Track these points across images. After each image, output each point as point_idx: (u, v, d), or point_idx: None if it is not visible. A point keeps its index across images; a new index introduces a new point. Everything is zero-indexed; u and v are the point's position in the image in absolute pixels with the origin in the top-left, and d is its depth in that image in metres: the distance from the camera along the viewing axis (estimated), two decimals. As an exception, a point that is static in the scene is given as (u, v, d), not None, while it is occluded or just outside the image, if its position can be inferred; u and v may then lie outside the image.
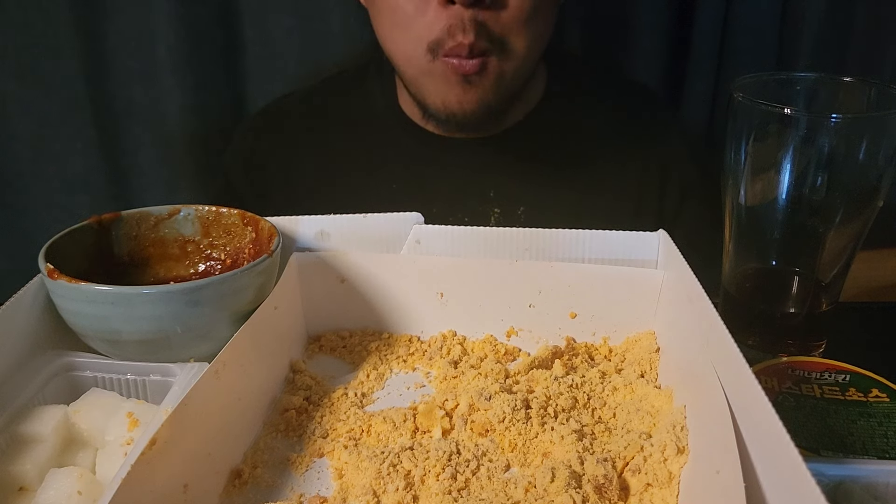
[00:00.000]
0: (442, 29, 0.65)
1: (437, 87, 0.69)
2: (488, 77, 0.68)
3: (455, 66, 0.67)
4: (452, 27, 0.65)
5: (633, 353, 0.50)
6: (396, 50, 0.71)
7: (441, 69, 0.68)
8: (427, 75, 0.69)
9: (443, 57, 0.67)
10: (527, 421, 0.43)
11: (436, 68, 0.68)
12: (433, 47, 0.67)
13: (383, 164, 0.80)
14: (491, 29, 0.66)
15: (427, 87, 0.70)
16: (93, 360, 0.45)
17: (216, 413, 0.39)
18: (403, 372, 0.51)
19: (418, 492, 0.39)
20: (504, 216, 0.79)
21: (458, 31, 0.65)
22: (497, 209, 0.79)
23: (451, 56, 0.66)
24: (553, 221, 0.51)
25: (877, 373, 0.48)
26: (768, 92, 0.51)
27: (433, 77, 0.69)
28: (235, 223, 0.53)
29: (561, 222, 0.51)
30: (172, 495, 0.35)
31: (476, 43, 0.65)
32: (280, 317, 0.49)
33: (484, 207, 0.79)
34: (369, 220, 0.54)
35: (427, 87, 0.70)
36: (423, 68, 0.69)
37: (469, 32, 0.65)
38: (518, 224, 0.81)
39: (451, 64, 0.67)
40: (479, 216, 0.79)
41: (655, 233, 0.52)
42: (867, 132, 0.47)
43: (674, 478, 0.38)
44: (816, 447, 0.42)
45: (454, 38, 0.65)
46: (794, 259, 0.53)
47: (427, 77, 0.69)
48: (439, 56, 0.67)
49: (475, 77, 0.68)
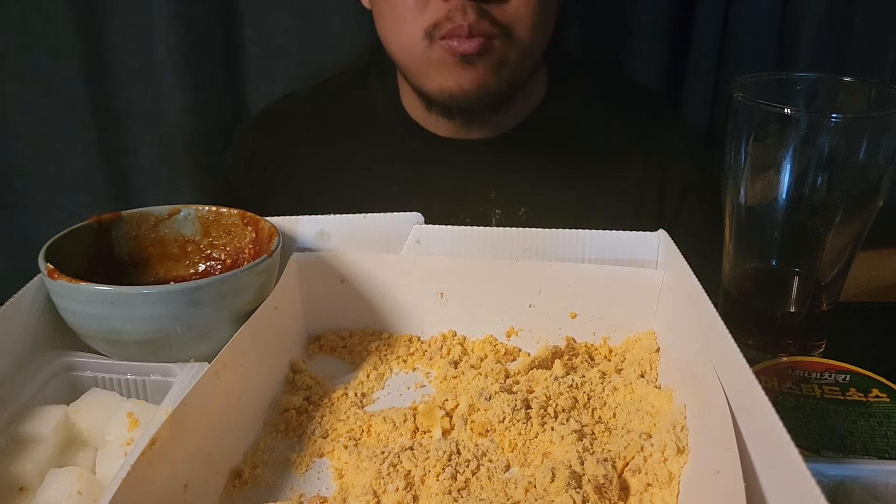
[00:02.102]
0: (441, 15, 0.65)
1: (435, 71, 0.69)
2: (490, 59, 0.67)
3: (453, 47, 0.66)
4: (452, 11, 0.65)
5: (633, 353, 0.50)
6: (395, 41, 0.71)
7: (438, 54, 0.67)
8: (425, 62, 0.69)
9: (440, 40, 0.66)
10: (527, 421, 0.43)
11: (433, 53, 0.67)
12: (430, 31, 0.66)
13: (385, 164, 0.80)
14: (495, 16, 0.66)
15: (425, 74, 0.70)
16: (93, 360, 0.45)
17: (216, 413, 0.39)
18: (403, 372, 0.51)
19: (418, 492, 0.39)
20: (505, 217, 0.79)
21: (457, 14, 0.65)
22: (498, 210, 0.79)
23: (449, 38, 0.66)
24: (554, 222, 0.51)
25: (877, 373, 0.48)
26: (768, 92, 0.50)
27: (431, 63, 0.68)
28: (235, 223, 0.53)
29: (562, 223, 0.51)
30: (172, 495, 0.35)
31: (477, 24, 0.65)
32: (280, 317, 0.49)
33: (485, 208, 0.79)
34: (369, 220, 0.54)
35: (425, 74, 0.70)
36: (421, 55, 0.68)
37: (469, 14, 0.64)
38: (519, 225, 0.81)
39: (448, 46, 0.66)
40: (481, 217, 0.79)
41: (655, 233, 0.52)
42: (867, 132, 0.47)
43: (674, 478, 0.38)
44: (816, 447, 0.42)
45: (452, 21, 0.65)
46: (794, 259, 0.53)
47: (425, 64, 0.69)
48: (436, 40, 0.66)
49: (475, 57, 0.67)
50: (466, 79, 0.68)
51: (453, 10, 0.65)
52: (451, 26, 0.65)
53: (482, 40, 0.66)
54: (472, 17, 0.64)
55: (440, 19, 0.65)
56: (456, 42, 0.66)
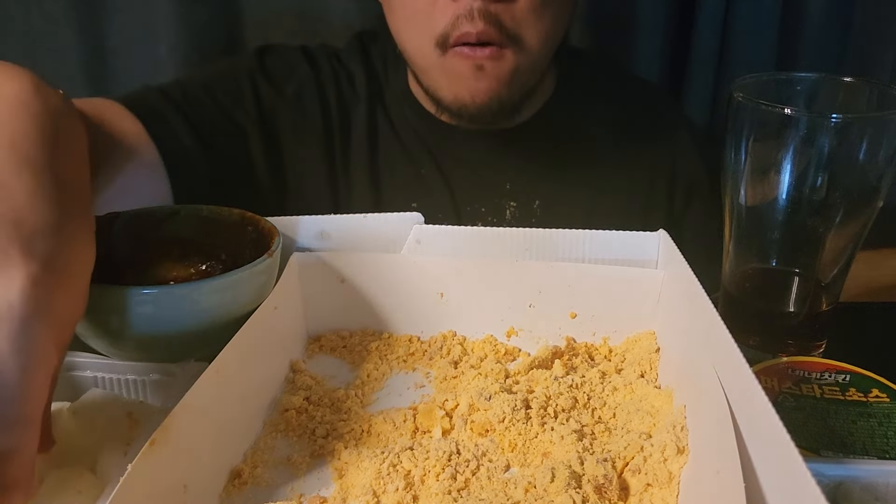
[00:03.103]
0: (448, 21, 0.65)
1: (449, 81, 0.69)
2: (503, 68, 0.67)
3: (466, 54, 0.66)
4: (459, 17, 0.65)
5: (633, 353, 0.50)
6: (409, 44, 0.71)
7: (451, 63, 0.67)
8: (438, 70, 0.69)
9: (451, 48, 0.66)
10: (527, 421, 0.43)
11: (446, 63, 0.67)
12: (441, 41, 0.66)
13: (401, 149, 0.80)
14: (503, 22, 0.65)
15: (439, 82, 0.70)
16: (93, 360, 0.45)
17: (216, 413, 0.39)
18: (403, 372, 0.51)
19: (418, 492, 0.39)
20: (520, 209, 0.79)
21: (464, 21, 0.64)
22: (513, 202, 0.79)
23: (460, 45, 0.66)
24: (568, 215, 0.51)
25: (877, 373, 0.48)
26: (768, 92, 0.51)
27: (444, 72, 0.68)
28: (235, 223, 0.53)
29: (575, 216, 0.51)
30: (172, 495, 0.35)
31: (485, 31, 0.64)
32: (280, 317, 0.49)
33: (500, 200, 0.79)
34: (369, 220, 0.54)
35: (439, 82, 0.70)
36: (434, 63, 0.68)
37: (477, 21, 0.64)
38: (534, 217, 0.80)
39: (461, 54, 0.66)
40: (496, 208, 0.79)
41: (655, 233, 0.52)
42: (867, 132, 0.47)
43: (674, 478, 0.38)
44: (816, 447, 0.42)
45: (460, 28, 0.65)
46: (794, 259, 0.53)
47: (438, 72, 0.69)
48: (448, 50, 0.66)
49: (488, 63, 0.67)
50: (479, 89, 0.68)
51: (461, 15, 0.64)
52: (458, 34, 0.65)
53: (493, 49, 0.66)
54: (480, 24, 0.64)
55: (448, 28, 0.65)
56: (468, 50, 0.66)
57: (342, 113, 0.80)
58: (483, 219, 0.79)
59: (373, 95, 0.81)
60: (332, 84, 0.80)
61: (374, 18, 0.80)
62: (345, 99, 0.80)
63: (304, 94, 0.78)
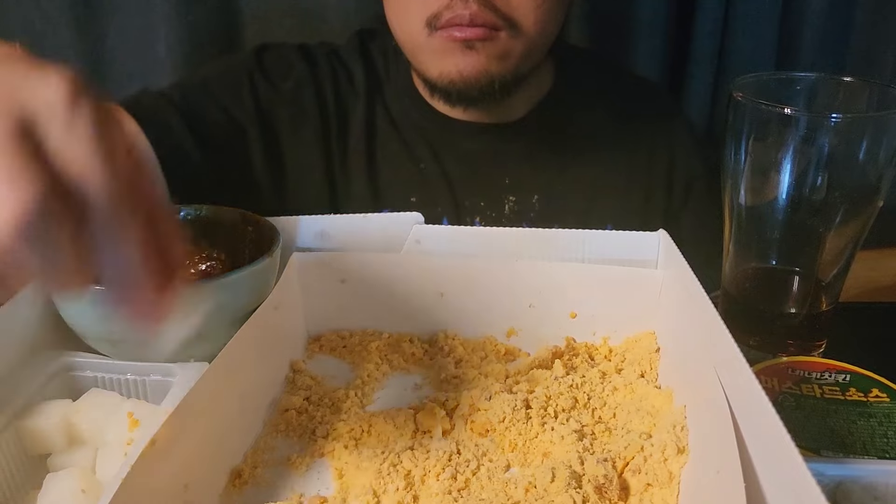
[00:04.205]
0: (443, 3, 0.65)
1: (437, 58, 0.68)
2: (493, 48, 0.67)
3: (454, 35, 0.65)
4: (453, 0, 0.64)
5: (633, 353, 0.50)
6: (399, 27, 0.70)
7: (438, 42, 0.67)
8: (425, 49, 0.68)
9: (440, 29, 0.66)
10: (527, 421, 0.43)
11: (433, 42, 0.67)
12: (431, 21, 0.66)
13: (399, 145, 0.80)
14: (498, 4, 0.65)
15: (427, 61, 0.70)
16: (93, 360, 0.45)
17: (216, 413, 0.39)
18: (403, 372, 0.51)
19: (418, 492, 0.39)
20: (519, 204, 0.79)
21: (457, 3, 0.64)
22: (512, 197, 0.79)
23: (449, 27, 0.65)
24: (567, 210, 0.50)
25: (877, 373, 0.48)
26: (768, 92, 0.51)
27: (432, 51, 0.68)
28: (235, 223, 0.53)
29: (574, 213, 0.50)
30: (172, 495, 0.35)
31: (479, 14, 0.64)
32: (280, 317, 0.49)
33: (499, 194, 0.79)
34: (369, 220, 0.54)
35: (427, 61, 0.70)
36: (421, 43, 0.68)
37: (471, 3, 0.64)
38: (532, 212, 0.80)
39: (449, 35, 0.65)
40: (494, 202, 0.79)
41: (655, 233, 0.52)
42: (867, 132, 0.47)
43: (674, 478, 0.38)
44: (816, 447, 0.42)
45: (452, 10, 0.64)
46: (794, 259, 0.53)
47: (425, 51, 0.69)
48: (436, 29, 0.66)
49: (478, 43, 0.66)
50: (467, 64, 0.67)
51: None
52: (450, 15, 0.64)
53: (485, 29, 0.65)
54: (474, 6, 0.64)
55: (440, 9, 0.65)
56: (457, 31, 0.65)
57: (340, 109, 0.79)
58: (482, 213, 0.79)
59: (372, 91, 0.80)
60: (329, 80, 0.80)
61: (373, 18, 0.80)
62: (343, 95, 0.80)
63: (302, 91, 0.78)
